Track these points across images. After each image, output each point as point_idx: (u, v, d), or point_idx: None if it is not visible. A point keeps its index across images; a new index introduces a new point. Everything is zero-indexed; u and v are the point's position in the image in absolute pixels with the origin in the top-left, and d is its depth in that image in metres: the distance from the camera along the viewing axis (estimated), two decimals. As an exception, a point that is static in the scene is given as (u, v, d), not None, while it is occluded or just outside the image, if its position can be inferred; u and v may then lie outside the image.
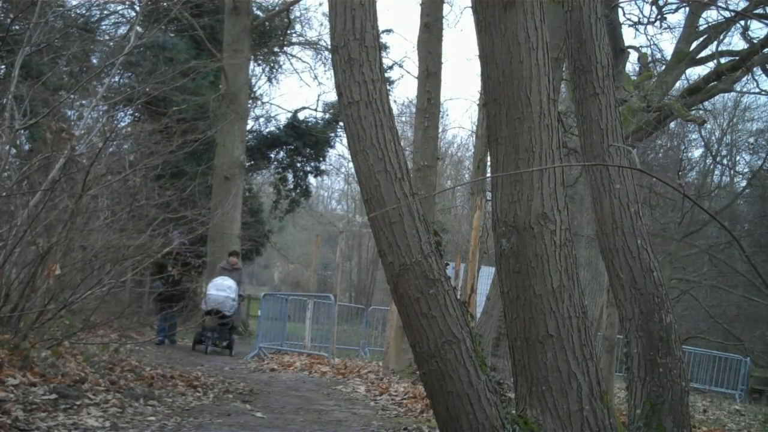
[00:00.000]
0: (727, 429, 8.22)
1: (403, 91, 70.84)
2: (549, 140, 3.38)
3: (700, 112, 14.94)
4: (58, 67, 11.16)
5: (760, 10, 11.56)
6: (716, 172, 23.42)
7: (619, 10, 11.01)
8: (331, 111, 20.40)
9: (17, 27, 9.26)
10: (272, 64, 21.61)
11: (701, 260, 19.18)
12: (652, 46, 21.38)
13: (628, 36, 46.15)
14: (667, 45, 54.34)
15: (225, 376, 8.40)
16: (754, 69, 13.16)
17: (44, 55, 9.50)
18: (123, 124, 12.05)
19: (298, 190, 21.46)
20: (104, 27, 15.71)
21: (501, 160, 3.45)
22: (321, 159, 21.40)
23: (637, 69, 14.00)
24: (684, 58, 13.01)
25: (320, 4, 25.42)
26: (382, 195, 3.30)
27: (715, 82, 12.79)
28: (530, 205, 3.36)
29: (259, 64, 21.39)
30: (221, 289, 11.62)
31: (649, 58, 13.59)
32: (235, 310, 11.92)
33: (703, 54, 13.73)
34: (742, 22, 12.55)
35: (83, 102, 9.48)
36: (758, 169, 19.61)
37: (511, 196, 3.41)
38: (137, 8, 14.47)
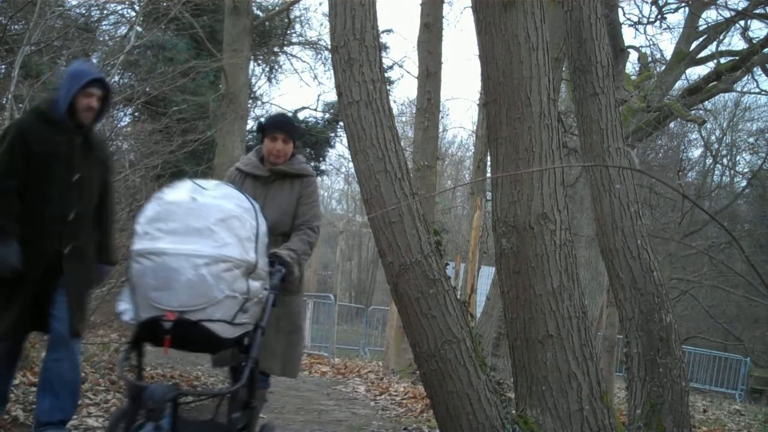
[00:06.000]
0: (727, 429, 8.21)
1: (403, 91, 70.76)
2: (549, 140, 3.39)
3: (700, 112, 14.93)
4: (57, 67, 11.14)
5: (760, 10, 11.53)
6: (716, 172, 23.39)
7: (619, 10, 11.00)
8: (331, 111, 20.37)
9: (17, 26, 9.26)
10: (272, 64, 21.57)
11: (701, 260, 19.13)
12: (652, 46, 21.37)
13: (628, 36, 46.08)
14: (667, 45, 54.30)
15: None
16: (754, 69, 13.13)
17: (44, 55, 9.47)
18: (123, 124, 12.03)
19: (298, 190, 21.46)
20: (104, 27, 15.67)
21: (501, 160, 3.45)
22: (321, 159, 21.40)
23: (637, 69, 13.99)
24: (684, 58, 12.98)
25: (320, 4, 25.35)
26: (382, 195, 3.30)
27: (715, 82, 12.76)
28: (530, 205, 3.36)
29: (259, 64, 21.35)
30: None
31: (649, 58, 13.58)
32: None
33: (703, 54, 13.69)
34: (742, 22, 12.54)
35: (83, 102, 9.46)
36: (758, 169, 19.58)
37: (511, 196, 3.41)
38: (137, 8, 14.45)
